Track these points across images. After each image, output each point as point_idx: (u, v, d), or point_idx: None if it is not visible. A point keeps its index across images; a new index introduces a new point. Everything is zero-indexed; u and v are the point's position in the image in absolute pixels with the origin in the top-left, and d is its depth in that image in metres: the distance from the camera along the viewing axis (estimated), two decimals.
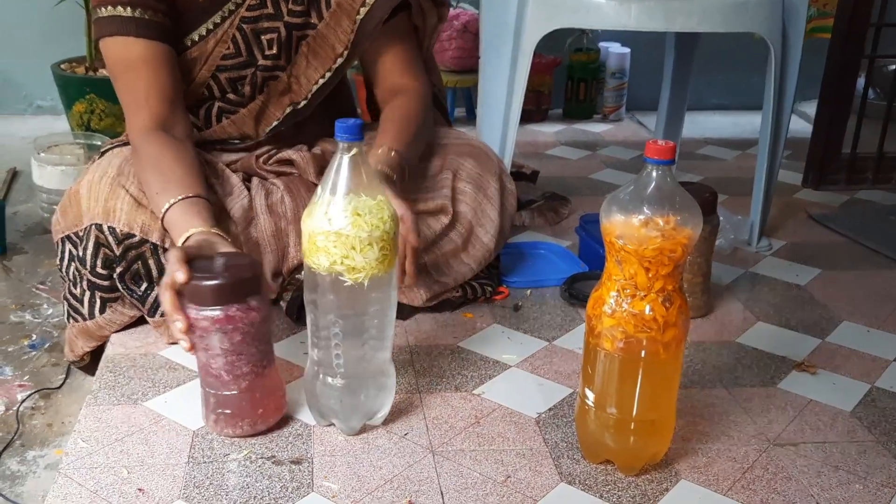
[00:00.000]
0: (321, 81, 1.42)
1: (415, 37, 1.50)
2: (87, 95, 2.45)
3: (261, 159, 1.45)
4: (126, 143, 1.40)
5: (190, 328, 1.04)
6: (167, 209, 1.18)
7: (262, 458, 1.06)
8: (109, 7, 1.29)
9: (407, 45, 1.47)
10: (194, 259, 1.06)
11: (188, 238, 1.12)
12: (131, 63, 1.30)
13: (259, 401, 1.09)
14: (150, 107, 1.30)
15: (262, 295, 1.07)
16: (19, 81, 2.93)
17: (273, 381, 1.12)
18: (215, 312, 1.03)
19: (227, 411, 1.08)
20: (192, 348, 1.05)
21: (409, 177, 1.34)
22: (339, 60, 1.41)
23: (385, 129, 1.37)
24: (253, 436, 1.10)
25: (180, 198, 1.19)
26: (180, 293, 1.03)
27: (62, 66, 2.57)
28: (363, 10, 1.37)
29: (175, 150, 1.26)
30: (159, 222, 1.22)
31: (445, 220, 1.41)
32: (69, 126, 2.58)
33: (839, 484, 1.06)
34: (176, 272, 1.02)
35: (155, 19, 1.30)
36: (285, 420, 1.14)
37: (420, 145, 1.42)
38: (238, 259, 1.08)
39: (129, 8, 1.28)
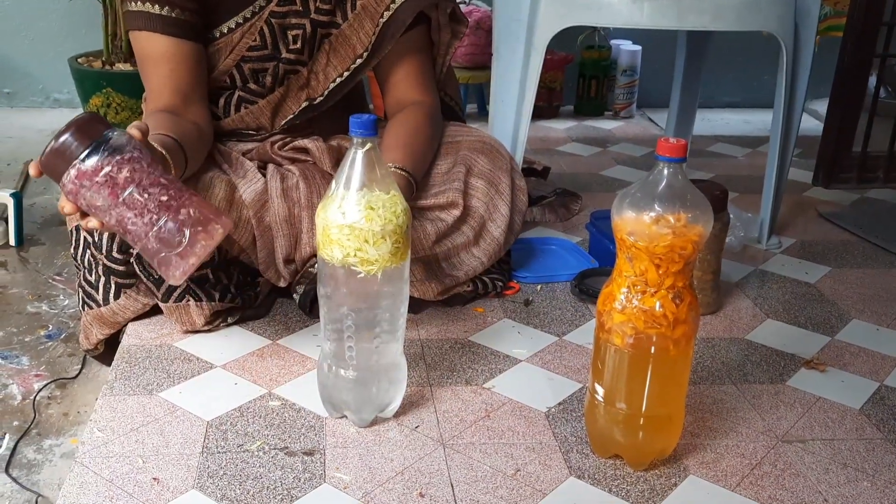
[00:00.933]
0: (339, 80, 1.45)
1: (430, 52, 1.53)
2: (104, 89, 2.47)
3: (276, 145, 1.47)
4: None
5: (79, 211, 1.02)
6: None
7: (275, 448, 1.08)
8: (139, 3, 1.33)
9: (421, 59, 1.50)
10: None
11: None
12: (154, 57, 1.36)
13: (189, 226, 1.03)
14: (162, 98, 1.36)
15: (113, 142, 1.01)
16: (36, 74, 2.96)
17: (196, 206, 1.04)
18: (67, 177, 1.00)
19: (162, 255, 1.03)
20: (102, 226, 1.03)
21: (416, 190, 1.38)
22: (359, 61, 1.44)
23: (391, 145, 1.38)
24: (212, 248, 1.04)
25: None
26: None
27: (79, 59, 2.59)
28: (386, 14, 1.40)
29: (164, 117, 1.29)
30: None
31: (456, 212, 1.42)
32: None
33: (847, 481, 1.07)
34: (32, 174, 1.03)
35: (182, 17, 1.34)
36: (298, 411, 1.16)
37: (427, 160, 1.44)
38: (75, 118, 1.02)
39: (157, 5, 1.33)
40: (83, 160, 0.99)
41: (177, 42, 1.35)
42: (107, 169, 1.00)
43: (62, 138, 0.99)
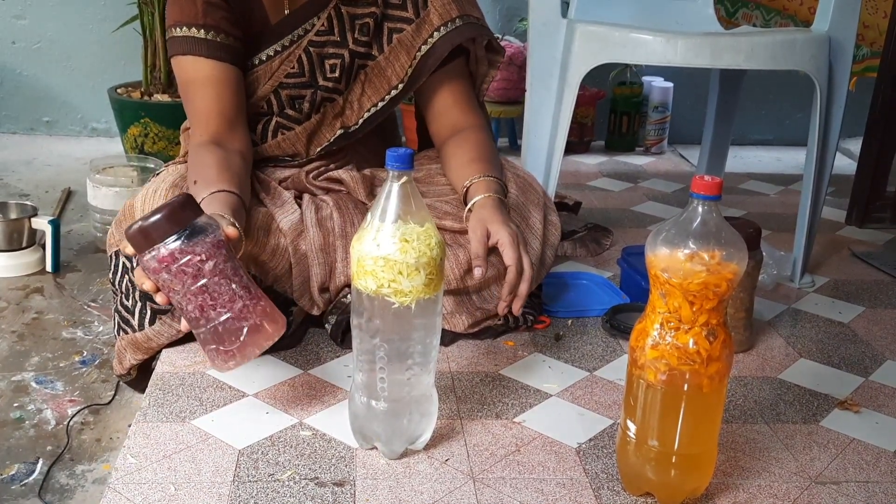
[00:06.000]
0: (373, 110, 1.48)
1: (470, 79, 1.56)
2: (142, 119, 2.52)
3: (311, 175, 1.49)
4: (180, 163, 1.46)
5: (156, 289, 1.08)
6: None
7: (305, 479, 1.08)
8: (184, 28, 1.36)
9: (465, 85, 1.53)
10: None
11: None
12: (198, 81, 1.38)
13: (247, 327, 1.10)
14: (208, 123, 1.38)
15: (192, 230, 1.07)
16: (75, 104, 3.02)
17: (252, 310, 1.11)
18: (148, 256, 1.06)
19: (213, 346, 1.10)
20: (167, 301, 1.10)
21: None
22: (394, 92, 1.46)
23: (473, 158, 1.43)
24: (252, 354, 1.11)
25: (211, 192, 1.25)
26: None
27: (118, 90, 2.65)
28: (424, 48, 1.43)
29: (218, 156, 1.33)
30: None
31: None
32: (123, 148, 2.65)
33: None
34: (126, 248, 1.09)
35: (226, 42, 1.38)
36: (329, 441, 1.16)
37: (501, 170, 1.48)
38: (169, 201, 1.08)
39: (202, 30, 1.36)
40: (166, 245, 1.05)
41: (221, 66, 1.38)
42: (185, 258, 1.06)
43: (153, 220, 1.05)
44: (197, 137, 1.39)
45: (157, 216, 1.05)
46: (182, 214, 1.06)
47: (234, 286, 1.09)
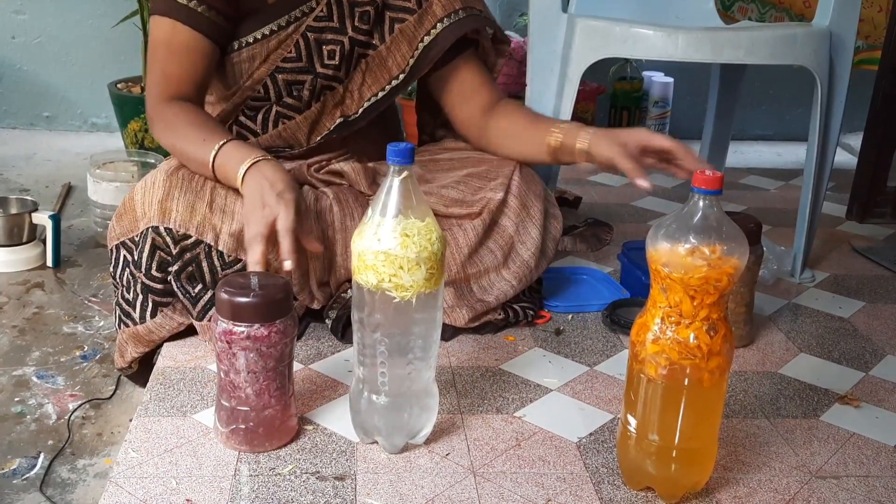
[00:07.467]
0: (373, 99, 1.48)
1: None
2: (142, 114, 2.52)
3: (312, 168, 1.49)
4: None
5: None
6: (218, 150, 1.25)
7: (306, 473, 1.08)
8: None
9: (485, 68, 1.55)
10: (233, 275, 1.13)
11: (253, 163, 1.21)
12: (173, 47, 1.37)
13: (273, 422, 1.12)
14: (181, 87, 1.37)
15: (292, 318, 1.11)
16: (75, 99, 3.02)
17: (289, 407, 1.14)
18: (244, 329, 1.07)
19: (242, 426, 1.11)
20: (290, 272, 1.19)
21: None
22: (395, 82, 1.46)
23: (534, 118, 1.50)
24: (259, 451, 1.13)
25: (230, 139, 1.26)
26: (217, 306, 1.09)
27: (118, 85, 2.64)
28: (427, 39, 1.43)
29: (203, 112, 1.34)
30: (212, 216, 1.30)
31: (480, 227, 1.44)
32: (123, 144, 2.64)
33: None
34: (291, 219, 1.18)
35: (208, 15, 1.37)
36: (329, 435, 1.16)
37: None
38: (272, 280, 1.12)
39: None
40: (259, 328, 1.07)
41: (198, 37, 1.37)
42: (268, 344, 1.08)
43: (255, 301, 1.06)
44: (160, 94, 1.36)
45: (254, 299, 1.06)
46: (281, 307, 1.08)
47: (274, 391, 1.12)
